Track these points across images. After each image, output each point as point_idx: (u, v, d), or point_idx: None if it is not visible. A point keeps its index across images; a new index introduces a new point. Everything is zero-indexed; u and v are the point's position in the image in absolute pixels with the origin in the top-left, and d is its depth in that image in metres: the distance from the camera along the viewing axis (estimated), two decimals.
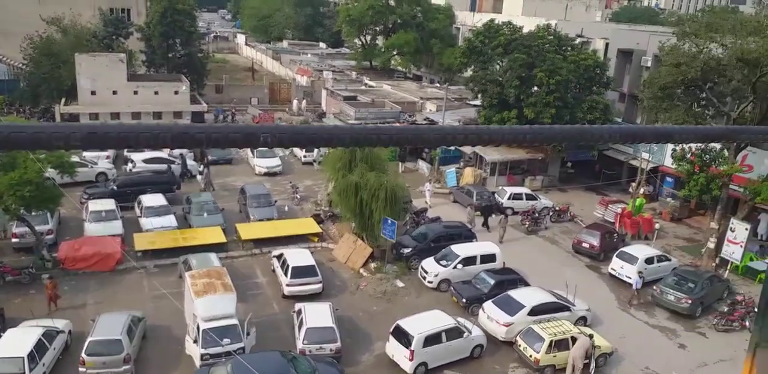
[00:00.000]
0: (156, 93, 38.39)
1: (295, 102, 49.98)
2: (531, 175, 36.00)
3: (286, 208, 29.28)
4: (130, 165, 32.35)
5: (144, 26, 44.23)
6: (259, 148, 28.34)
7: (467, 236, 25.99)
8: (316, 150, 36.96)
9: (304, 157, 37.22)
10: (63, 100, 37.44)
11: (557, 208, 31.17)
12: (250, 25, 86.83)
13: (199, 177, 32.47)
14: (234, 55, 79.90)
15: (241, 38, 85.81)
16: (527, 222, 29.22)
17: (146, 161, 32.02)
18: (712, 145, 26.16)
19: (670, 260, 25.31)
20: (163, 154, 33.86)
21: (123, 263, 22.74)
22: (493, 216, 28.99)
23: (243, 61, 74.02)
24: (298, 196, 30.83)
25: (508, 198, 31.23)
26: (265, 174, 34.55)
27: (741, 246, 24.21)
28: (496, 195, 31.67)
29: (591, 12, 60.26)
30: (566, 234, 29.09)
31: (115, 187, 28.61)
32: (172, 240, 24.43)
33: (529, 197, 31.55)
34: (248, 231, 25.91)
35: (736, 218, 25.08)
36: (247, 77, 61.22)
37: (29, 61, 39.32)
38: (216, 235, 25.02)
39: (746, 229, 24.19)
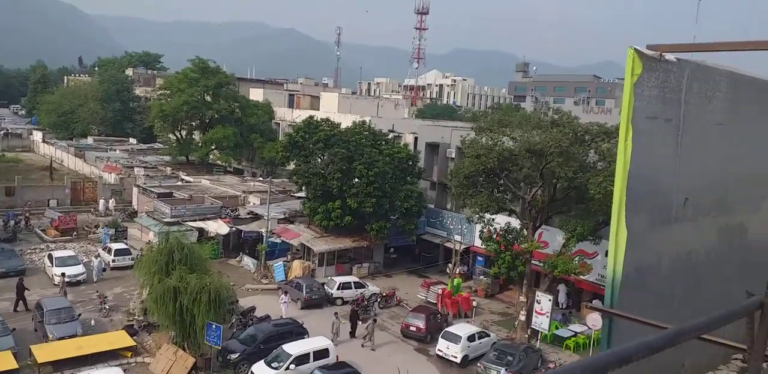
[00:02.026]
0: None
1: (102, 201, 46.18)
2: (358, 262, 36.49)
3: (93, 322, 25.87)
4: None
5: None
6: (58, 255, 25.33)
7: (299, 333, 24.95)
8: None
9: (113, 261, 33.85)
10: None
11: (384, 294, 31.67)
12: (49, 121, 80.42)
13: None
14: (29, 154, 72.79)
15: (37, 135, 78.78)
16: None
17: None
18: (513, 225, 28.92)
19: (489, 336, 26.64)
20: None
21: None
22: (360, 322, 27.36)
23: (40, 159, 67.60)
24: (107, 307, 27.57)
25: (338, 288, 31.14)
26: (67, 284, 30.55)
27: (547, 316, 26.35)
28: (325, 287, 31.39)
29: (399, 109, 65.83)
30: (394, 319, 29.42)
31: None
32: None
33: (358, 285, 31.73)
34: (46, 353, 22.15)
35: (540, 290, 27.44)
36: (44, 177, 55.61)
37: None
38: (5, 361, 21.06)
39: (549, 300, 26.50)
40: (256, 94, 65.21)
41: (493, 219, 28.67)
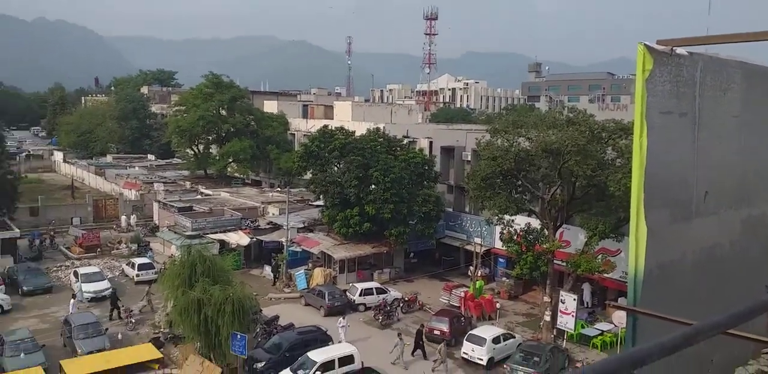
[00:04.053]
0: None
1: (123, 218, 46.84)
2: (378, 268, 36.52)
3: (119, 336, 26.22)
4: None
5: None
6: (83, 271, 25.72)
7: (323, 340, 25.06)
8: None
9: (137, 275, 34.26)
10: None
11: (406, 299, 31.65)
12: (69, 142, 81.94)
13: None
14: (51, 174, 74.20)
15: (58, 155, 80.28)
16: (380, 317, 29.12)
17: None
18: (534, 225, 28.73)
19: (514, 337, 26.47)
20: None
21: None
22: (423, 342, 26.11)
23: (62, 179, 68.86)
24: (133, 320, 27.95)
25: (360, 295, 31.18)
26: (93, 299, 31.03)
27: (572, 315, 26.02)
28: (347, 293, 31.47)
29: (413, 115, 65.92)
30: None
31: None
32: None
33: (380, 291, 31.73)
34: (76, 367, 22.52)
35: (564, 290, 27.15)
36: (66, 196, 56.63)
37: None
38: None
39: (574, 300, 26.22)
40: (270, 107, 65.80)
41: (512, 221, 28.49)
